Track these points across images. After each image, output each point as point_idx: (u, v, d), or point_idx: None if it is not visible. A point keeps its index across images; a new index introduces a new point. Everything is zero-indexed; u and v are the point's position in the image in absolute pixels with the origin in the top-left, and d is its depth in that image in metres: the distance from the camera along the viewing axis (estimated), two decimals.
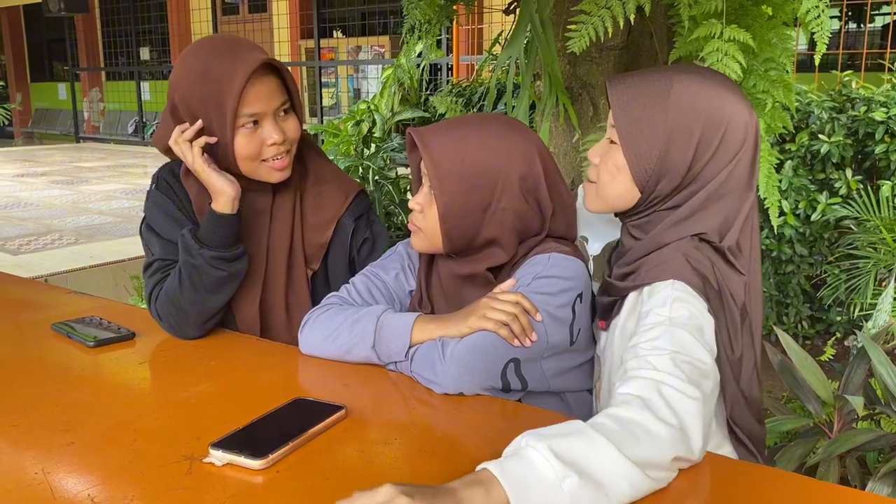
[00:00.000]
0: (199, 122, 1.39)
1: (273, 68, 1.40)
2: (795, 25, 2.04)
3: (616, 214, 1.27)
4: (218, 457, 0.97)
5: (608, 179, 1.20)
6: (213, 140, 1.39)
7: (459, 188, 1.25)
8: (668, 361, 0.97)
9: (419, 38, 2.62)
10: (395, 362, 1.25)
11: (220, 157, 1.41)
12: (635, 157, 1.15)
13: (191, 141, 1.39)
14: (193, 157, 1.39)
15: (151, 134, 13.07)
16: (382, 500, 0.78)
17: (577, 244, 1.39)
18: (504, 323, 1.18)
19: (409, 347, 1.23)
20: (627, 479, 0.83)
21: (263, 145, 1.40)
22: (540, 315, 1.20)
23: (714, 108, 1.13)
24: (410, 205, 1.34)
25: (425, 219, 1.30)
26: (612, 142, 1.19)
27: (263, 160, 1.42)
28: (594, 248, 1.43)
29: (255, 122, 1.39)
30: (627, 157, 1.16)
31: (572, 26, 1.74)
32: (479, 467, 0.84)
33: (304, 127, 1.50)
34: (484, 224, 1.27)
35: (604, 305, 1.25)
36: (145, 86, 13.74)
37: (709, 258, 1.13)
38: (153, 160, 10.41)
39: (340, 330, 1.29)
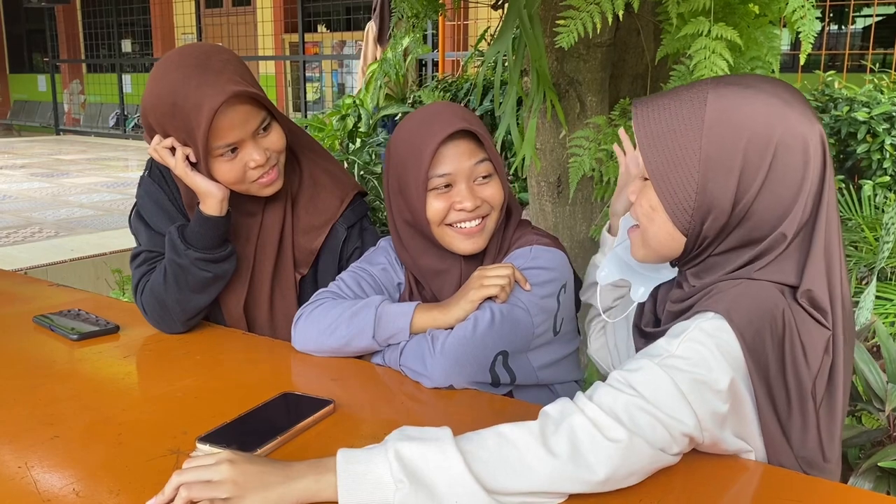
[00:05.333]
0: (176, 141, 1.35)
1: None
2: (782, 26, 2.05)
3: (671, 264, 1.09)
4: (205, 451, 0.96)
5: (646, 223, 1.03)
6: (194, 159, 1.35)
7: None
8: (619, 402, 0.87)
9: (406, 31, 2.61)
10: (383, 356, 1.26)
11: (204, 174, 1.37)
12: (669, 193, 0.97)
13: (171, 149, 1.35)
14: (175, 163, 1.35)
15: (133, 127, 12.98)
16: (209, 464, 0.83)
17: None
18: (501, 287, 1.20)
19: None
20: (469, 501, 0.81)
21: (246, 169, 1.36)
22: (529, 285, 1.23)
23: (759, 125, 0.93)
24: None
25: None
26: (645, 178, 1.03)
27: (252, 181, 1.38)
28: (638, 293, 1.17)
29: (234, 149, 1.34)
30: (660, 193, 0.98)
31: (561, 21, 1.74)
32: (339, 450, 0.85)
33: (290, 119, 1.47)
34: None
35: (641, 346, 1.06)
36: (127, 78, 13.62)
37: (782, 297, 0.95)
38: (134, 153, 10.32)
39: (338, 323, 1.28)
